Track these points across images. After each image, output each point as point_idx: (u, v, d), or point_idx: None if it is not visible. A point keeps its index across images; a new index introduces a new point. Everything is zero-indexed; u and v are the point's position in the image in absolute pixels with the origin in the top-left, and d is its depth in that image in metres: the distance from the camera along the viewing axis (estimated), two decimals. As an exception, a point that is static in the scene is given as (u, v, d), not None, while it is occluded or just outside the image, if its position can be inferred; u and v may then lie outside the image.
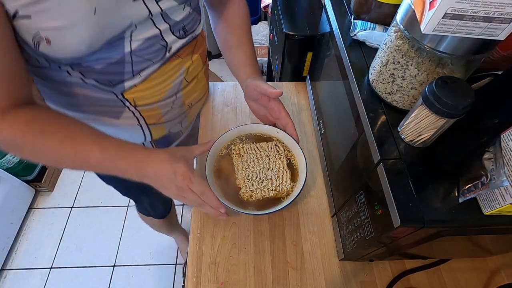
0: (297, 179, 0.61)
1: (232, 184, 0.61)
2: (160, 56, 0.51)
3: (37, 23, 0.37)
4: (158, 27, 0.48)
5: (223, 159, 0.64)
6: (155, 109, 0.58)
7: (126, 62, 0.47)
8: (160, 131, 0.65)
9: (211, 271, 0.56)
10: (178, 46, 0.53)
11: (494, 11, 0.30)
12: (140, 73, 0.50)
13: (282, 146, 0.65)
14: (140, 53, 0.48)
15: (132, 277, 1.36)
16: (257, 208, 0.58)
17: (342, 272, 0.57)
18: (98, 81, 0.48)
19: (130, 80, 0.50)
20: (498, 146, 0.34)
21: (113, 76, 0.49)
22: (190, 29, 0.55)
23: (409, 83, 0.42)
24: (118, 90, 0.51)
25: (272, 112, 0.62)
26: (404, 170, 0.38)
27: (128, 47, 0.46)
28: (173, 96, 0.59)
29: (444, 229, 0.36)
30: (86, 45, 0.41)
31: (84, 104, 0.53)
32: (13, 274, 1.36)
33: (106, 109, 0.54)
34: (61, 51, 0.41)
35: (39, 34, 0.38)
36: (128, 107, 0.55)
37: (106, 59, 0.46)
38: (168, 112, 0.61)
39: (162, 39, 0.50)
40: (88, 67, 0.46)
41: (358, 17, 0.57)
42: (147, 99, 0.55)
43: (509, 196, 0.32)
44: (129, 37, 0.45)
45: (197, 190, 0.48)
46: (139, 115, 0.58)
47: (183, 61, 0.56)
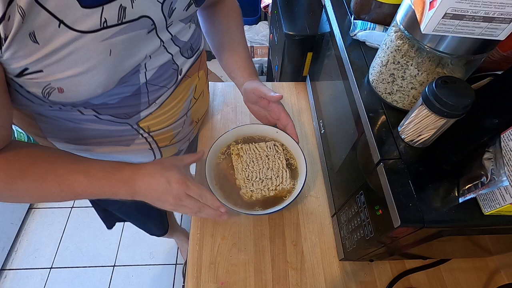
0: (297, 178, 0.61)
1: (232, 185, 0.61)
2: (174, 81, 0.51)
3: (50, 75, 0.35)
4: (170, 52, 0.47)
5: (222, 160, 0.64)
6: (167, 131, 0.57)
7: (142, 93, 0.47)
8: (171, 151, 0.65)
9: (211, 271, 0.56)
10: (187, 66, 0.53)
11: (494, 11, 0.30)
12: (156, 101, 0.50)
13: (281, 145, 0.65)
14: (155, 82, 0.47)
15: (132, 277, 1.36)
16: (257, 208, 0.58)
17: (342, 272, 0.57)
18: (113, 115, 0.47)
19: (146, 109, 0.50)
20: (498, 146, 0.34)
21: (130, 109, 0.48)
22: (196, 47, 0.54)
23: (409, 83, 0.42)
24: (133, 121, 0.50)
25: (272, 113, 0.62)
26: (404, 170, 0.38)
27: (143, 78, 0.45)
28: (184, 116, 0.59)
29: (444, 229, 0.36)
30: (102, 88, 0.40)
31: (95, 137, 0.51)
32: (13, 274, 1.36)
33: (119, 139, 0.53)
34: (75, 97, 0.39)
35: (50, 85, 0.36)
36: (141, 134, 0.54)
37: (122, 94, 0.44)
38: (179, 132, 0.61)
39: (174, 63, 0.49)
40: (103, 104, 0.44)
41: (358, 17, 0.57)
42: (161, 124, 0.55)
43: (509, 196, 0.32)
44: (144, 68, 0.44)
45: (195, 193, 0.46)
46: (152, 140, 0.56)
47: (191, 80, 0.56)
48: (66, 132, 0.49)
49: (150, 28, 0.41)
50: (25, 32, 0.31)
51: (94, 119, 0.46)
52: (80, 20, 0.33)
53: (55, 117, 0.46)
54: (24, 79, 0.35)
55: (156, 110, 0.51)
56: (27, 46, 0.32)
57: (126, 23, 0.37)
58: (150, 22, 0.41)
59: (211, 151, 0.62)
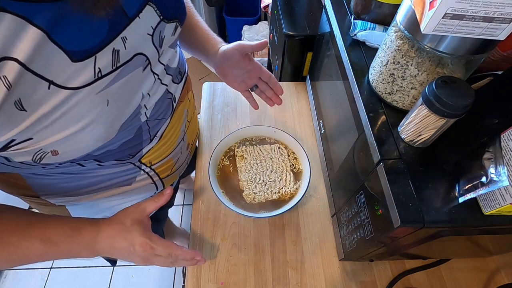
0: (300, 182, 0.61)
1: (235, 186, 0.61)
2: (171, 110, 0.50)
3: (41, 141, 0.31)
4: (165, 83, 0.46)
5: (226, 162, 0.64)
6: (168, 161, 0.56)
7: (143, 131, 0.45)
8: (171, 180, 0.63)
9: (211, 271, 0.56)
10: (179, 92, 0.52)
11: (494, 11, 0.30)
12: (156, 135, 0.49)
13: (285, 148, 0.65)
14: (154, 117, 0.46)
15: (132, 277, 1.36)
16: (260, 210, 0.58)
17: (342, 272, 0.57)
18: (117, 159, 0.45)
19: (148, 145, 0.48)
20: (498, 146, 0.34)
21: (132, 149, 0.46)
22: (183, 70, 0.53)
23: (409, 83, 0.42)
24: (136, 159, 0.48)
25: (253, 72, 0.60)
26: (404, 170, 0.38)
27: (144, 117, 0.43)
28: (181, 141, 0.58)
29: (444, 229, 0.36)
30: (102, 140, 0.37)
31: (97, 184, 0.49)
32: (13, 274, 1.36)
33: (120, 180, 0.51)
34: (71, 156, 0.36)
35: (42, 150, 0.32)
36: (143, 170, 0.52)
37: (124, 139, 0.42)
38: (179, 159, 0.60)
39: (168, 92, 0.48)
40: (104, 153, 0.41)
41: (358, 17, 0.57)
42: (161, 155, 0.53)
43: (509, 196, 0.32)
44: (144, 108, 0.42)
45: (163, 253, 0.44)
46: (154, 173, 0.55)
47: (184, 104, 0.56)
48: (64, 185, 0.46)
49: (144, 65, 0.39)
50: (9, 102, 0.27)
51: (96, 167, 0.44)
52: (73, 77, 0.30)
53: (51, 173, 0.43)
54: (9, 151, 0.31)
55: (157, 143, 0.50)
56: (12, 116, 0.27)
57: (121, 66, 0.35)
58: (144, 58, 0.38)
59: (214, 154, 0.62)
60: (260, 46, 0.54)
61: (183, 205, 1.58)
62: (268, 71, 0.61)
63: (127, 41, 0.35)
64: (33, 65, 0.27)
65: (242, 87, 0.63)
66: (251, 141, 0.67)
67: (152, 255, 0.43)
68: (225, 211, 0.63)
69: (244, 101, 0.81)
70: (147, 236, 0.42)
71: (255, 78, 0.61)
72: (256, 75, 0.61)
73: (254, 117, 0.78)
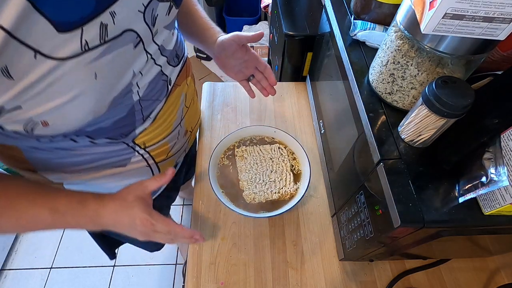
0: (300, 182, 0.61)
1: (235, 186, 0.61)
2: (165, 92, 0.50)
3: (30, 110, 0.32)
4: (159, 64, 0.47)
5: (226, 162, 0.64)
6: (163, 145, 0.56)
7: (136, 110, 0.45)
8: (168, 165, 0.63)
9: (211, 271, 0.56)
10: (175, 75, 0.52)
11: (494, 11, 0.30)
12: (150, 116, 0.49)
13: (285, 148, 0.65)
14: (147, 97, 0.46)
15: (132, 277, 1.36)
16: (260, 210, 0.58)
17: (342, 272, 0.57)
18: (109, 137, 0.46)
19: (141, 126, 0.49)
20: (498, 146, 0.34)
21: (125, 128, 0.46)
22: (181, 54, 0.53)
23: (409, 83, 0.42)
24: (129, 139, 0.49)
25: (250, 62, 0.63)
26: (404, 170, 0.38)
27: (136, 96, 0.44)
28: (178, 126, 0.58)
29: (444, 229, 0.36)
30: (93, 114, 0.37)
31: (91, 162, 0.50)
32: (13, 274, 1.36)
33: (114, 160, 0.51)
34: (63, 128, 0.37)
35: (33, 120, 0.33)
36: (137, 151, 0.52)
37: (116, 116, 0.43)
38: (175, 144, 0.60)
39: (163, 74, 0.48)
40: (96, 130, 0.42)
41: (358, 17, 0.57)
42: (156, 138, 0.54)
43: (509, 196, 0.32)
44: (136, 86, 0.43)
45: (162, 230, 0.45)
46: (148, 156, 0.55)
47: (181, 88, 0.56)
48: (59, 161, 0.47)
49: (135, 42, 0.39)
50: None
51: (89, 145, 0.45)
52: (59, 47, 0.30)
53: (46, 148, 0.44)
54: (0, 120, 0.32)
55: (150, 124, 0.50)
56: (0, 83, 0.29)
57: (110, 41, 0.35)
58: (134, 35, 0.38)
59: (214, 154, 0.62)
60: (256, 37, 0.56)
61: (183, 205, 1.58)
62: (264, 62, 0.63)
63: (116, 16, 0.35)
64: (18, 33, 0.27)
65: (240, 76, 0.66)
66: (251, 141, 0.67)
67: (152, 231, 0.45)
68: (225, 211, 0.63)
69: (244, 101, 0.81)
70: (147, 213, 0.44)
71: (252, 68, 0.64)
72: (253, 65, 0.63)
73: (254, 117, 0.78)
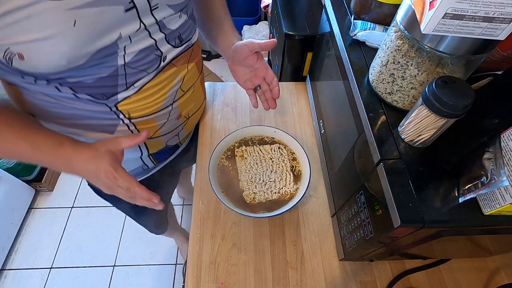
0: (300, 182, 0.61)
1: (235, 186, 0.61)
2: (155, 66, 0.50)
3: (7, 37, 0.34)
4: (154, 37, 0.47)
5: (226, 162, 0.64)
6: (150, 121, 0.56)
7: (119, 74, 0.46)
8: (157, 145, 0.64)
9: (211, 271, 0.56)
10: (173, 55, 0.52)
11: (494, 11, 0.30)
12: (134, 84, 0.49)
13: (285, 148, 0.65)
14: (134, 65, 0.46)
15: (132, 277, 1.36)
16: (260, 210, 0.58)
17: (342, 272, 0.57)
18: (91, 95, 0.47)
19: (123, 92, 0.49)
20: (498, 146, 0.34)
21: (106, 89, 0.47)
22: (186, 38, 0.54)
23: (409, 83, 0.42)
24: (111, 102, 0.50)
25: (259, 71, 0.63)
26: (404, 170, 0.38)
27: (121, 60, 0.45)
28: (169, 106, 0.58)
29: (444, 229, 0.36)
30: (66, 60, 0.38)
31: (77, 119, 0.51)
32: (13, 274, 1.36)
33: (100, 122, 0.52)
34: (38, 66, 0.38)
35: (10, 49, 0.35)
36: (122, 119, 0.53)
37: (97, 74, 0.44)
38: (164, 124, 0.60)
39: (157, 49, 0.48)
40: (78, 83, 0.44)
41: (358, 17, 0.57)
42: (142, 110, 0.53)
43: (509, 196, 0.32)
44: (122, 51, 0.43)
45: (123, 185, 0.47)
46: (134, 129, 0.56)
47: (178, 69, 0.55)
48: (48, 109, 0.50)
49: (127, 7, 0.40)
50: None
51: (72, 97, 0.47)
52: None
53: (36, 92, 0.46)
54: None
55: (135, 93, 0.50)
56: None
57: None
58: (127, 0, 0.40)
59: (214, 154, 0.62)
60: (269, 45, 0.56)
61: (183, 205, 1.58)
62: (273, 74, 0.63)
63: None
64: None
65: (248, 85, 0.66)
66: (251, 141, 0.67)
67: (114, 185, 0.46)
68: (225, 211, 0.63)
69: (244, 101, 0.81)
70: (113, 167, 0.45)
71: (261, 78, 0.64)
72: (262, 74, 0.63)
73: (254, 117, 0.78)
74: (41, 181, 1.52)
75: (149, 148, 0.63)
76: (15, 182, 1.42)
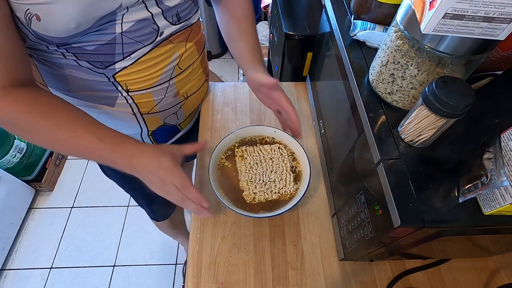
0: (300, 182, 0.61)
1: (235, 187, 0.61)
2: (151, 39, 0.52)
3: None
4: (150, 10, 0.49)
5: (226, 162, 0.64)
6: (147, 95, 0.59)
7: (117, 43, 0.48)
8: (155, 122, 0.66)
9: (211, 271, 0.56)
10: (170, 31, 0.54)
11: (494, 11, 0.30)
12: (130, 55, 0.51)
13: (285, 148, 0.65)
14: (131, 35, 0.49)
15: (132, 277, 1.36)
16: (260, 211, 0.58)
17: (342, 272, 0.57)
18: (90, 62, 0.49)
19: (120, 61, 0.51)
20: (498, 146, 0.34)
21: (104, 57, 0.50)
22: (184, 17, 0.55)
23: (409, 83, 0.42)
24: (109, 72, 0.52)
25: (274, 100, 0.64)
26: (404, 170, 0.38)
27: (119, 29, 0.47)
28: (166, 83, 0.59)
29: (444, 229, 0.36)
30: (75, 23, 0.41)
31: (80, 88, 0.55)
32: (13, 274, 1.36)
33: (100, 94, 0.55)
34: (51, 29, 0.41)
35: (29, 10, 0.39)
36: (120, 92, 0.56)
37: (97, 41, 0.47)
38: (161, 100, 0.62)
39: (154, 23, 0.50)
40: (80, 48, 0.47)
41: (358, 17, 0.57)
42: (138, 83, 0.56)
43: (509, 196, 0.32)
44: (120, 19, 0.46)
45: (178, 183, 0.49)
46: (132, 102, 0.58)
47: (176, 47, 0.57)
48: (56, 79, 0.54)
49: None
50: None
51: (75, 65, 0.50)
52: None
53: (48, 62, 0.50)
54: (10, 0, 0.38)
55: (131, 65, 0.52)
56: None
57: None
58: None
59: (214, 154, 0.62)
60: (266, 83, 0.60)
61: (183, 205, 1.58)
62: (288, 104, 0.62)
63: None
64: None
65: (272, 108, 0.68)
66: (251, 141, 0.67)
67: (170, 182, 0.49)
68: (225, 211, 0.63)
69: (244, 101, 0.81)
70: (174, 164, 0.49)
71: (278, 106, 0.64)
72: (277, 104, 0.64)
73: (254, 117, 0.78)
74: (41, 181, 1.52)
75: (147, 123, 0.65)
76: (15, 182, 1.43)
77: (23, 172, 1.46)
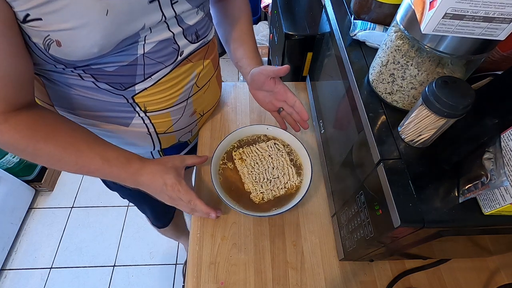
0: (303, 172, 0.61)
1: (241, 190, 0.61)
2: (172, 60, 0.51)
3: (48, 25, 0.37)
4: (172, 30, 0.48)
5: (227, 167, 0.64)
6: (165, 115, 0.58)
7: (138, 64, 0.47)
8: (169, 140, 0.66)
9: (211, 271, 0.56)
10: (190, 50, 0.53)
11: (494, 11, 0.30)
12: (151, 76, 0.50)
13: (281, 143, 0.66)
14: (152, 56, 0.48)
15: (132, 277, 1.36)
16: (271, 208, 0.58)
17: (342, 272, 0.57)
18: (109, 84, 0.48)
19: (141, 83, 0.50)
20: (498, 146, 0.34)
21: (125, 79, 0.49)
22: (202, 34, 0.55)
23: (409, 83, 0.42)
24: (129, 94, 0.51)
25: (278, 95, 0.63)
26: (404, 170, 0.38)
27: (141, 50, 0.46)
28: (184, 102, 0.59)
29: (444, 229, 0.36)
30: (98, 48, 0.40)
31: (95, 110, 0.53)
32: (13, 274, 1.36)
33: (116, 114, 0.54)
34: (72, 54, 0.40)
35: (50, 36, 0.38)
36: (138, 112, 0.55)
37: (119, 62, 0.46)
38: (179, 119, 0.61)
39: (175, 43, 0.50)
40: (100, 70, 0.45)
41: (358, 17, 0.57)
42: (157, 104, 0.55)
43: (509, 196, 0.32)
44: (143, 40, 0.45)
45: (185, 199, 0.52)
46: (149, 122, 0.57)
47: (194, 65, 0.57)
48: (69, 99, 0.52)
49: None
50: None
51: (93, 87, 0.48)
52: None
53: (60, 83, 0.48)
54: (27, 26, 0.36)
55: (152, 86, 0.52)
56: None
57: None
58: None
59: (213, 160, 0.61)
60: (283, 71, 0.58)
61: (183, 205, 1.58)
62: (293, 96, 0.62)
63: None
64: None
65: (270, 107, 0.67)
66: (246, 142, 0.67)
67: (177, 198, 0.52)
68: (225, 211, 0.63)
69: (244, 101, 0.81)
70: (178, 180, 0.51)
71: (281, 100, 0.65)
72: (281, 98, 0.64)
73: (254, 117, 0.78)
74: (41, 181, 1.52)
75: (162, 142, 0.64)
76: (15, 182, 1.43)
77: (23, 172, 1.46)
